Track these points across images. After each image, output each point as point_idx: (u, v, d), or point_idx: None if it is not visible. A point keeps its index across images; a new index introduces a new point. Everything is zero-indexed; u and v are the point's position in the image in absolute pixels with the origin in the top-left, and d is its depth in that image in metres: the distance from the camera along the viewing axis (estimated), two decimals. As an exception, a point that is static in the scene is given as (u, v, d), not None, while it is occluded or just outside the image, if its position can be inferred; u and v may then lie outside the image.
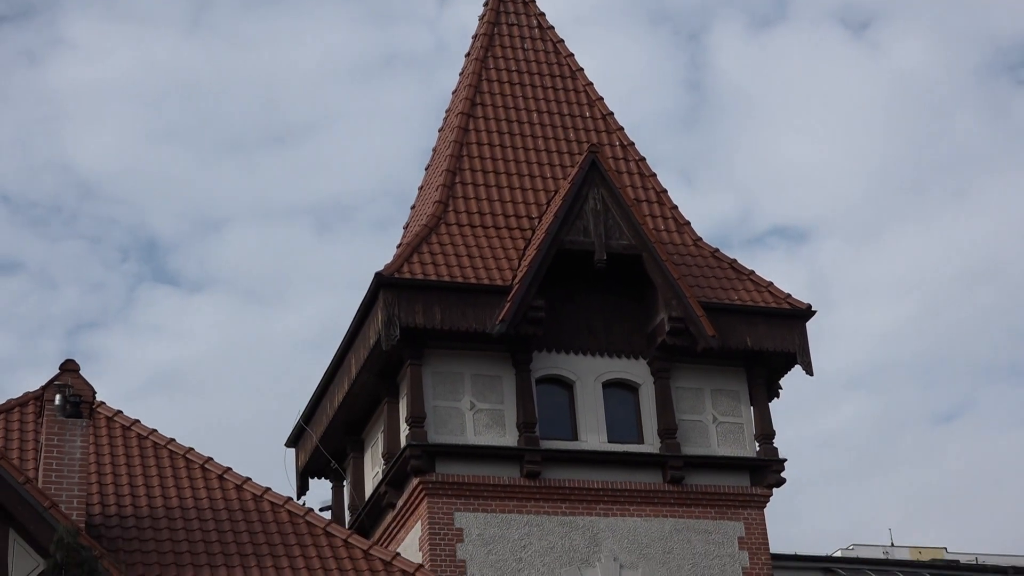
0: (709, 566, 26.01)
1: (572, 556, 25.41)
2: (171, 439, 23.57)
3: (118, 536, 20.56)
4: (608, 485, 26.01)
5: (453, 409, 25.98)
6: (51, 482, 18.15)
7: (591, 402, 26.70)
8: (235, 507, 22.17)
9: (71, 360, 19.44)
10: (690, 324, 26.58)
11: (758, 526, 26.68)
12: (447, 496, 25.22)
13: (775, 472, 27.01)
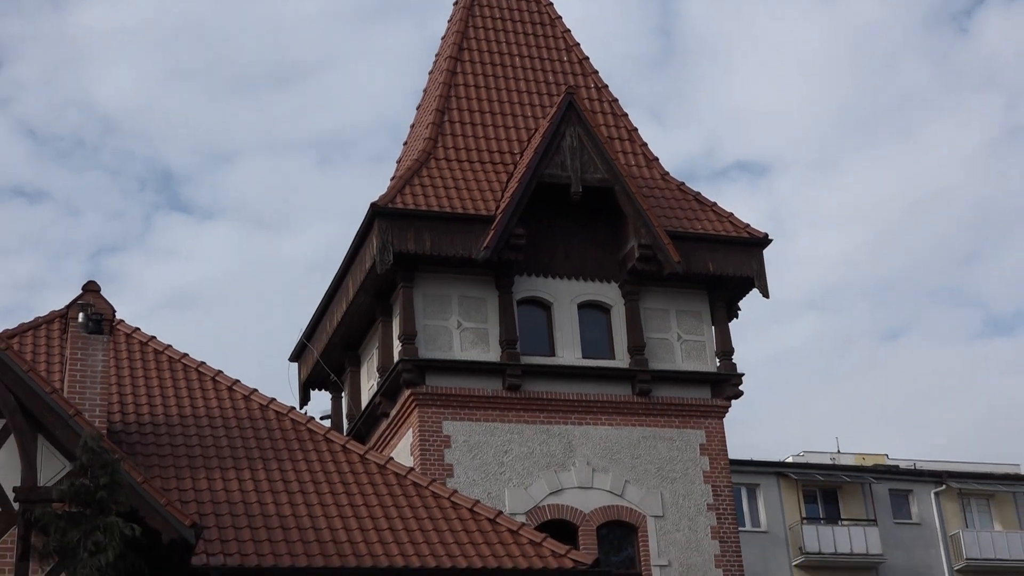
0: (673, 470, 26.22)
1: (549, 461, 25.59)
2: (184, 354, 23.61)
3: (137, 441, 20.66)
4: (582, 397, 26.15)
5: (442, 327, 26.05)
6: (75, 392, 18.18)
7: (567, 321, 26.79)
8: (243, 415, 22.26)
9: (93, 281, 19.41)
10: (657, 251, 26.66)
11: (717, 434, 26.87)
12: (436, 406, 25.34)
13: (734, 385, 27.17)
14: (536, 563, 19.58)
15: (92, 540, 14.86)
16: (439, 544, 19.60)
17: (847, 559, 47.56)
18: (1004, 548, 49.77)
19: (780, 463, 49.64)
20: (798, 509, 48.07)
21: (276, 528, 19.18)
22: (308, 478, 20.78)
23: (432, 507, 20.65)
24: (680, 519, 25.87)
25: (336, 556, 18.78)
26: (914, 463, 54.33)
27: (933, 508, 50.19)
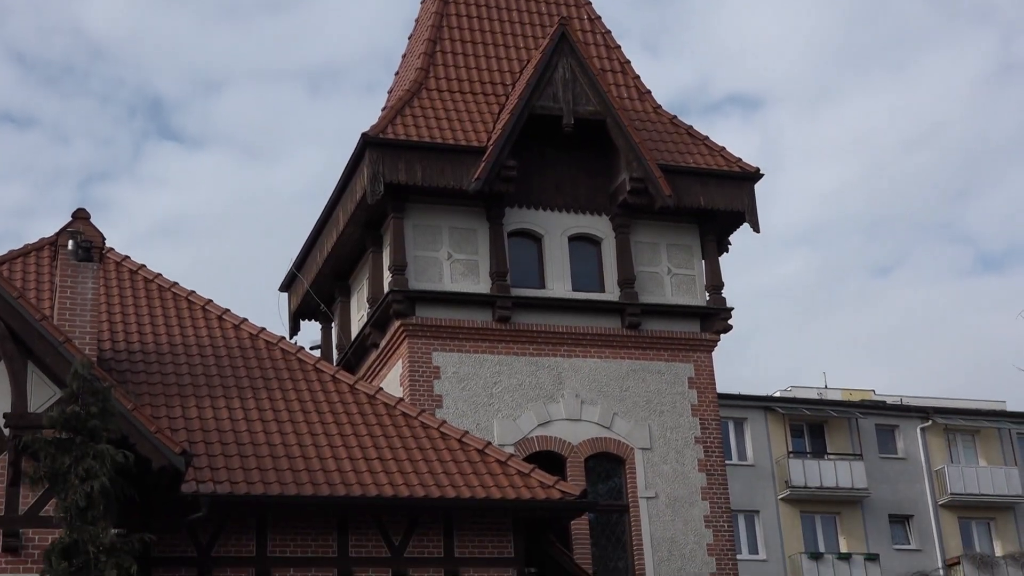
0: (661, 403, 26.34)
1: (538, 392, 25.69)
2: (174, 283, 23.60)
3: (127, 370, 20.70)
4: (572, 329, 26.20)
5: (432, 259, 26.04)
6: (65, 320, 18.17)
7: (558, 254, 26.79)
8: (233, 345, 22.30)
9: (82, 209, 19.35)
10: (649, 184, 26.61)
11: (706, 368, 26.97)
12: (426, 337, 25.38)
13: (723, 319, 27.24)
14: (524, 493, 19.72)
15: (82, 467, 14.91)
16: (428, 474, 19.71)
17: (832, 492, 47.95)
18: (988, 483, 50.23)
19: (768, 397, 49.89)
20: (785, 443, 48.40)
21: (266, 457, 19.28)
22: (298, 407, 20.85)
23: (421, 437, 20.75)
24: (667, 451, 26.02)
25: (326, 485, 18.89)
26: (900, 399, 54.66)
27: (919, 443, 50.57)
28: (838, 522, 48.50)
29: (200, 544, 18.38)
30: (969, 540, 50.12)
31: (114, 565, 14.54)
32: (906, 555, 47.90)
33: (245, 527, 18.65)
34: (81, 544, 14.72)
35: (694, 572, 25.30)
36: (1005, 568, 49.16)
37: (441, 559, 19.39)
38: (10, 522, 16.33)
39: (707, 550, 25.59)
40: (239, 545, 18.55)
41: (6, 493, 16.45)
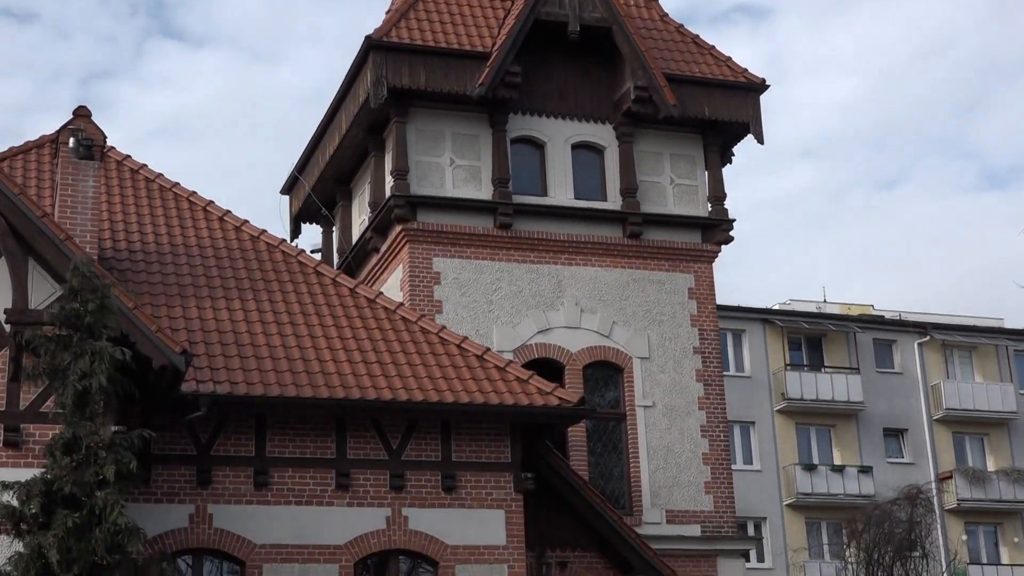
0: (660, 313, 26.38)
1: (538, 300, 25.72)
2: (176, 183, 23.52)
3: (127, 269, 20.70)
4: (573, 237, 26.16)
5: (434, 164, 25.93)
6: (66, 217, 18.12)
7: (560, 162, 26.67)
8: (234, 246, 22.28)
9: (83, 106, 19.21)
10: (653, 93, 26.42)
11: (706, 279, 26.98)
12: (427, 243, 25.35)
13: (724, 231, 27.19)
14: (522, 400, 19.82)
15: (81, 364, 14.96)
16: (427, 378, 19.80)
17: (828, 405, 48.24)
18: (983, 399, 50.51)
19: (766, 310, 49.99)
20: (782, 355, 48.59)
21: (266, 358, 19.35)
22: (298, 310, 20.89)
23: (421, 342, 20.81)
24: (666, 361, 26.11)
25: (325, 387, 18.98)
26: (899, 314, 54.77)
27: (916, 358, 50.77)
28: (833, 434, 48.84)
29: (200, 443, 18.52)
30: (962, 455, 50.50)
31: (113, 461, 14.65)
32: (899, 468, 48.26)
33: (244, 427, 18.78)
34: (81, 440, 14.82)
35: (689, 481, 25.50)
36: (997, 483, 49.59)
37: (438, 463, 19.55)
38: (11, 417, 16.44)
39: (702, 459, 25.77)
40: (238, 445, 18.69)
41: (7, 389, 16.53)
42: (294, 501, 18.70)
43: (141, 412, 17.88)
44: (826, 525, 47.15)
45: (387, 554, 19.18)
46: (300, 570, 18.46)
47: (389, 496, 19.17)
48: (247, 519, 18.39)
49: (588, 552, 21.81)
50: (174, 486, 18.23)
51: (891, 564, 33.97)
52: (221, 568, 18.54)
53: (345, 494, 18.95)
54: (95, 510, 14.49)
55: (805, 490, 46.60)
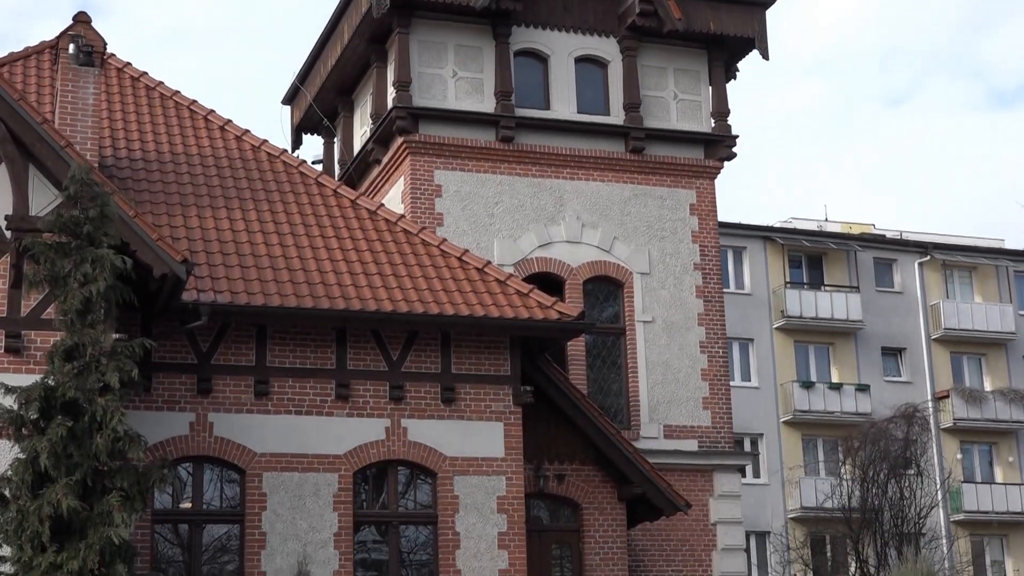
0: (662, 228, 26.35)
1: (539, 214, 25.67)
2: (176, 91, 23.37)
3: (128, 177, 20.64)
4: (575, 152, 26.06)
5: (436, 76, 25.76)
6: (66, 124, 18.01)
7: (563, 75, 26.49)
8: (235, 156, 22.20)
9: (83, 12, 18.99)
10: (658, 6, 26.20)
11: (708, 195, 26.91)
12: (428, 155, 25.25)
13: (727, 147, 27.08)
14: (522, 313, 19.85)
15: (81, 271, 14.96)
16: (427, 291, 19.81)
17: (827, 324, 48.29)
18: (982, 320, 50.56)
19: (767, 227, 49.86)
20: (782, 273, 48.56)
21: (266, 268, 19.35)
22: (299, 220, 20.85)
23: (421, 254, 20.80)
24: (666, 277, 26.13)
25: (325, 298, 19.00)
26: (900, 233, 54.69)
27: (916, 278, 50.75)
28: (831, 353, 48.96)
29: (200, 352, 18.57)
30: (959, 375, 50.64)
31: (115, 368, 14.70)
32: (897, 387, 48.42)
33: (245, 337, 18.83)
34: (82, 347, 14.86)
35: (687, 396, 25.63)
36: (993, 403, 49.79)
37: (438, 374, 19.62)
38: (12, 324, 16.48)
39: (701, 375, 25.88)
40: (239, 354, 18.75)
41: (8, 295, 16.55)
42: (294, 411, 18.80)
43: (142, 321, 17.94)
44: (822, 442, 47.39)
45: (386, 464, 19.32)
46: (299, 479, 18.61)
47: (388, 407, 19.27)
48: (247, 428, 18.51)
49: (586, 465, 21.97)
50: (175, 394, 18.32)
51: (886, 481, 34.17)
52: (221, 476, 18.69)
53: (345, 404, 19.05)
54: (95, 417, 14.57)
55: (802, 407, 46.79)
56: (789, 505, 46.05)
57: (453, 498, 19.34)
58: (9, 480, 14.47)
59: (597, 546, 21.89)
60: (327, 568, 18.41)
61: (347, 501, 18.78)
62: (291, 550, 18.27)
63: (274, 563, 18.23)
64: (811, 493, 44.29)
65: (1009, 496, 49.03)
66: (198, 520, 18.50)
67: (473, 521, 19.33)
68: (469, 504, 19.37)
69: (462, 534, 19.26)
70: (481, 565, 19.20)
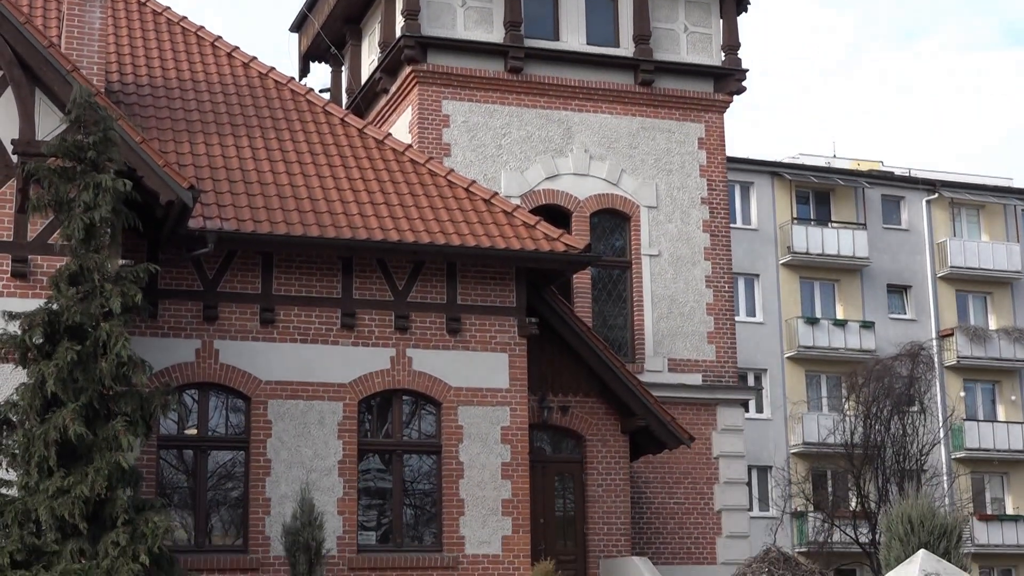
0: (670, 162, 26.23)
1: (547, 146, 25.55)
2: (183, 17, 23.19)
3: (134, 103, 20.51)
4: (584, 83, 25.88)
5: (445, 5, 25.52)
6: (72, 49, 17.86)
7: (573, 6, 26.25)
8: (242, 83, 22.05)
9: (90, -64, 18.80)
10: (671, -63, 25.94)
11: (717, 129, 26.75)
12: (436, 85, 25.09)
13: (737, 81, 26.89)
14: (528, 245, 19.80)
15: (85, 196, 14.89)
16: (434, 221, 19.75)
17: (833, 260, 48.19)
18: (989, 258, 50.43)
19: (775, 163, 49.62)
20: (790, 209, 48.41)
21: (273, 196, 19.29)
22: (306, 149, 20.75)
23: (428, 184, 20.72)
24: (673, 211, 26.04)
25: (332, 227, 18.94)
26: (909, 170, 54.44)
27: (923, 215, 50.58)
28: (836, 289, 48.89)
29: (206, 279, 18.56)
30: (964, 313, 50.61)
31: (119, 293, 14.66)
32: (901, 324, 48.42)
33: (251, 265, 18.80)
34: (86, 272, 14.82)
35: (692, 330, 25.63)
36: (997, 341, 49.79)
37: (443, 305, 19.61)
38: (19, 248, 16.44)
39: (706, 309, 25.87)
40: (245, 282, 18.74)
41: (14, 220, 16.50)
42: (299, 339, 18.81)
43: (148, 247, 17.90)
44: (826, 378, 47.44)
45: (391, 393, 19.37)
46: (305, 407, 18.65)
47: (394, 337, 19.27)
48: (253, 355, 18.53)
49: (590, 397, 22.02)
50: (180, 321, 18.32)
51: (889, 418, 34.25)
52: (227, 403, 18.73)
53: (350, 333, 19.05)
54: (100, 341, 14.56)
55: (807, 343, 46.80)
56: (791, 440, 46.22)
57: (457, 428, 19.40)
58: (15, 405, 14.49)
59: (600, 477, 21.99)
60: (331, 495, 18.50)
61: (352, 429, 18.84)
62: (295, 477, 18.36)
63: (279, 490, 18.32)
64: (814, 429, 44.44)
65: (1011, 434, 49.17)
66: (203, 446, 18.58)
67: (477, 451, 19.40)
68: (473, 434, 19.43)
69: (466, 464, 19.33)
70: (484, 495, 19.29)
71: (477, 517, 19.22)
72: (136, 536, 14.13)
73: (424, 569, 18.85)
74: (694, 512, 24.83)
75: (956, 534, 16.18)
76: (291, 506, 17.95)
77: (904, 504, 16.47)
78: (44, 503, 13.96)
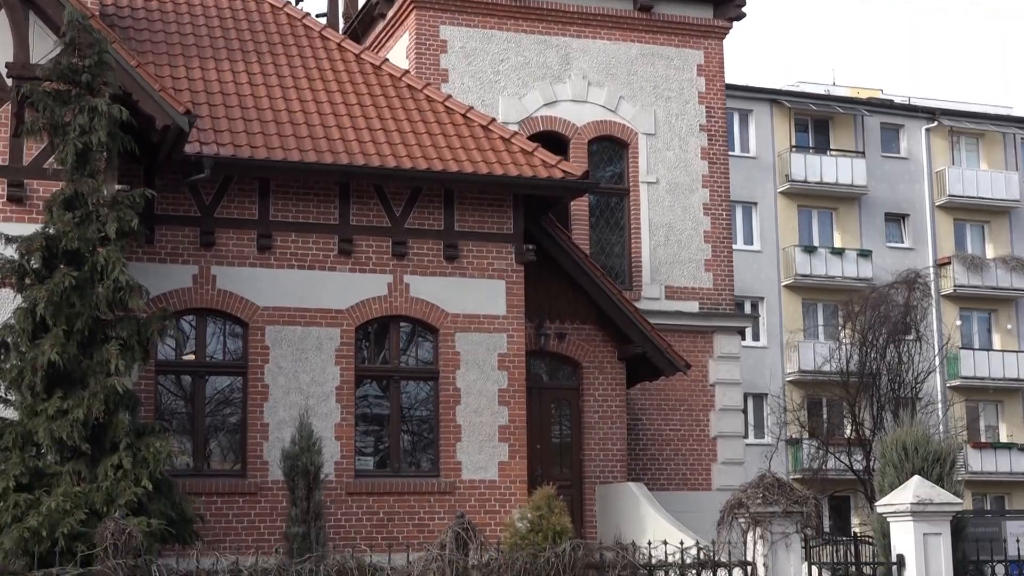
0: (668, 88, 26.06)
1: (545, 72, 25.37)
2: (179, -61, 22.89)
3: (130, 27, 20.35)
4: (582, 9, 25.62)
5: (443, -72, 25.24)
6: (66, -29, 17.66)
7: (572, -70, 25.97)
8: (237, 7, 21.88)
9: None
10: None
11: (716, 56, 26.54)
12: (434, 10, 24.83)
13: (736, 6, 26.62)
14: (526, 171, 19.72)
15: (80, 120, 14.80)
16: (431, 147, 19.66)
17: (832, 188, 48.10)
18: (987, 187, 50.33)
19: (774, 90, 49.38)
20: (788, 137, 48.24)
21: (269, 122, 19.18)
22: (303, 74, 20.62)
23: (426, 110, 20.61)
24: (671, 138, 25.91)
25: (329, 153, 18.86)
26: (908, 98, 54.20)
27: (922, 143, 50.40)
28: (834, 217, 48.84)
29: (203, 205, 18.50)
30: (962, 242, 50.61)
31: (115, 218, 14.63)
32: (899, 253, 48.38)
33: (248, 190, 18.74)
34: (81, 196, 14.77)
35: (689, 258, 25.60)
36: (994, 270, 49.81)
37: (440, 231, 19.57)
38: (14, 172, 16.36)
39: (703, 237, 25.82)
40: (242, 208, 18.68)
41: (10, 144, 16.41)
42: (297, 265, 18.78)
43: (144, 173, 17.83)
44: (822, 307, 47.53)
45: (388, 320, 19.38)
46: (302, 333, 18.67)
47: (391, 263, 19.25)
48: (250, 281, 18.51)
49: (586, 324, 22.04)
50: (177, 247, 18.28)
51: (884, 346, 34.32)
52: (224, 329, 18.74)
53: (347, 260, 19.03)
54: (97, 266, 14.54)
55: (804, 272, 46.82)
56: (787, 368, 46.38)
57: (454, 354, 19.43)
58: (12, 328, 14.50)
59: (596, 404, 22.07)
60: (329, 421, 18.57)
61: (349, 356, 18.87)
62: (293, 402, 18.41)
63: (277, 415, 18.38)
64: (809, 356, 44.56)
65: (1006, 363, 49.33)
66: (201, 371, 18.62)
67: (474, 378, 19.44)
68: (470, 361, 19.46)
69: (463, 390, 19.38)
70: (481, 420, 19.37)
71: (474, 443, 19.31)
72: (137, 460, 14.20)
73: (421, 494, 18.96)
74: (690, 439, 24.95)
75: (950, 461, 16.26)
76: (289, 431, 18.01)
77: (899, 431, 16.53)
78: (43, 425, 14.03)
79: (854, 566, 17.07)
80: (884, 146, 50.02)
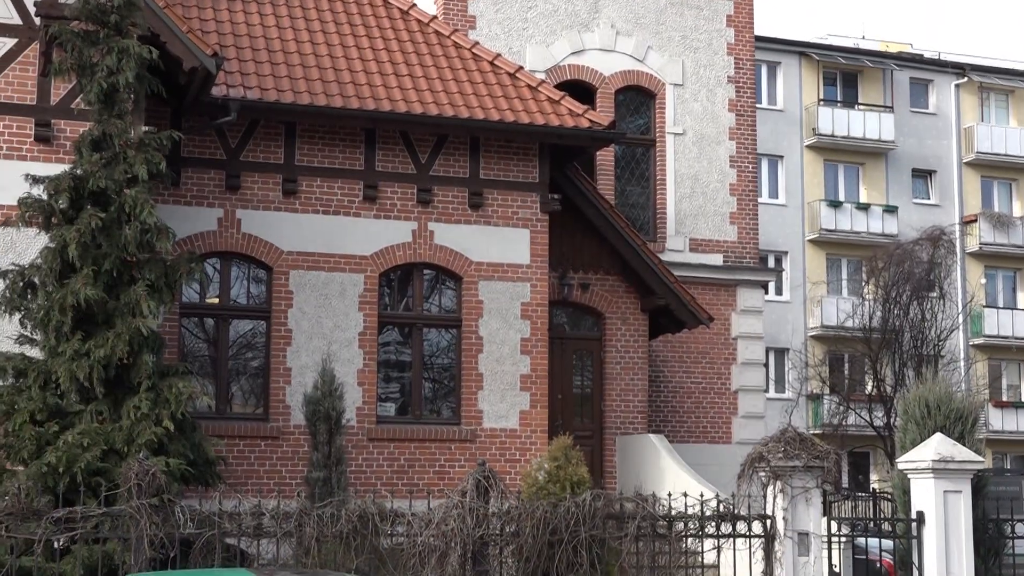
0: (697, 39, 25.89)
1: (574, 20, 25.22)
2: None
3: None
4: (612, -42, 25.47)
5: None
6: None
7: None
8: (266, -51, 21.72)
9: None
10: None
11: (746, 6, 26.33)
12: (463, -44, 24.70)
13: (768, -43, 26.43)
14: (552, 120, 19.66)
15: (108, 61, 14.79)
16: (458, 94, 19.60)
17: (859, 143, 47.81)
18: (1016, 144, 49.94)
19: (803, 43, 48.99)
20: (816, 90, 47.91)
21: (296, 66, 19.15)
22: (330, 19, 20.55)
23: (453, 57, 20.53)
24: (699, 89, 25.77)
25: (355, 98, 18.83)
26: (938, 53, 53.74)
27: (951, 99, 50.01)
28: (861, 172, 48.57)
29: (229, 148, 18.51)
30: (989, 199, 50.30)
31: (143, 160, 14.64)
32: (925, 209, 48.16)
33: (274, 135, 18.73)
34: (109, 137, 14.78)
35: (714, 211, 25.53)
36: (1021, 228, 49.52)
37: (466, 179, 19.54)
38: (42, 112, 16.37)
39: (729, 189, 25.73)
40: (267, 152, 18.69)
41: (38, 83, 16.40)
42: (322, 210, 18.80)
43: (171, 115, 17.83)
44: (846, 262, 47.36)
45: (411, 267, 19.40)
46: (326, 278, 18.71)
47: (416, 210, 19.25)
48: (275, 225, 18.54)
49: (610, 275, 22.03)
50: (203, 190, 18.31)
51: (908, 303, 34.24)
52: (248, 273, 18.80)
53: (372, 206, 19.03)
54: (124, 208, 14.58)
55: (829, 226, 46.63)
56: (810, 323, 46.30)
57: (478, 303, 19.45)
58: (39, 268, 14.56)
59: (618, 355, 22.10)
60: (351, 366, 18.64)
61: (372, 302, 18.91)
62: (316, 347, 18.47)
63: (299, 359, 18.46)
64: (832, 312, 44.46)
65: (1030, 321, 49.16)
66: (225, 315, 18.70)
67: (496, 326, 19.48)
68: (493, 309, 19.49)
69: (485, 339, 19.42)
70: (503, 369, 19.41)
71: (495, 391, 19.37)
72: (159, 401, 14.28)
73: (442, 441, 19.05)
74: (711, 392, 24.98)
75: (972, 419, 16.21)
76: (312, 376, 18.08)
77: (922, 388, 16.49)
78: (64, 365, 14.09)
79: (873, 522, 17.11)
80: (912, 101, 49.65)
